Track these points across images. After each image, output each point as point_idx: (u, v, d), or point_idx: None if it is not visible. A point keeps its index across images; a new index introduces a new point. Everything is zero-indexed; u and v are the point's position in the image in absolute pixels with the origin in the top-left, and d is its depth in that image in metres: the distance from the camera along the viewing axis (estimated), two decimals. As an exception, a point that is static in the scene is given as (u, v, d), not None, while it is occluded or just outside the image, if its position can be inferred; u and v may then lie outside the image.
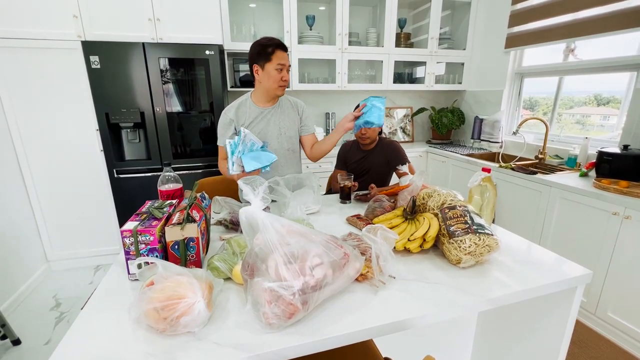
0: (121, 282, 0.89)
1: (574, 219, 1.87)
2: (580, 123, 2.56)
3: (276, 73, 1.43)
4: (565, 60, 2.45)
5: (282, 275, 0.69)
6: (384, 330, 0.73)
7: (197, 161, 2.46)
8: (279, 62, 1.41)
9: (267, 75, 1.44)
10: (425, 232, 0.98)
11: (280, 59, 1.42)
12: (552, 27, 2.39)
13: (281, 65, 1.42)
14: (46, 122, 2.19)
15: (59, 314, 1.99)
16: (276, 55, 1.41)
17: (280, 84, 1.45)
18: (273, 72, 1.42)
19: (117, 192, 2.36)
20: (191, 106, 2.40)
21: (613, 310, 1.72)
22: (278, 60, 1.41)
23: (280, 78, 1.44)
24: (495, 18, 2.88)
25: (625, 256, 1.65)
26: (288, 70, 1.47)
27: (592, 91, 2.43)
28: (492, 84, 3.01)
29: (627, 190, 1.68)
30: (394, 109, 3.46)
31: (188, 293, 0.68)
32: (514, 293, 0.84)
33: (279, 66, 1.42)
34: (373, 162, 1.81)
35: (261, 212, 0.77)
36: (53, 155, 2.25)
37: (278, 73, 1.43)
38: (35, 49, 2.06)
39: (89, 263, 2.50)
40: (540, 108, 2.82)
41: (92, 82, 2.13)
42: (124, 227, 0.84)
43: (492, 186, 1.12)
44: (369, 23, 3.17)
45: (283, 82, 1.45)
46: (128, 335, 0.69)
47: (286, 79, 1.46)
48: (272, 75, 1.43)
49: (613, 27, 2.02)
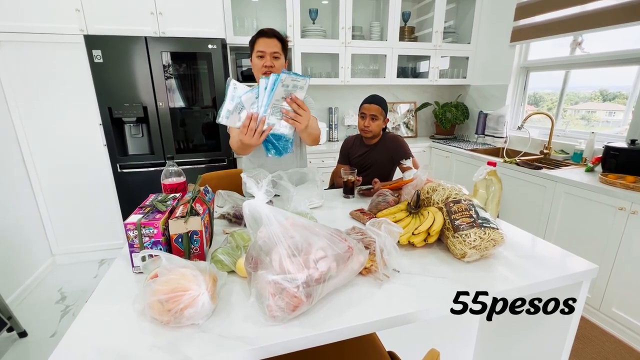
0: (125, 274, 0.89)
1: (580, 214, 1.86)
2: (585, 119, 2.53)
3: (257, 60, 1.42)
4: (572, 53, 2.42)
5: (286, 268, 0.69)
6: (388, 324, 0.72)
7: (199, 156, 2.46)
8: (259, 49, 1.40)
9: (253, 65, 1.45)
10: (429, 226, 0.98)
11: (260, 46, 1.40)
12: (559, 20, 2.35)
13: (261, 52, 1.40)
14: (49, 116, 2.19)
15: (65, 307, 2.01)
16: (258, 42, 1.41)
17: (262, 71, 1.42)
18: (255, 60, 1.43)
19: (120, 186, 2.37)
20: (194, 101, 2.39)
21: (618, 306, 1.71)
22: (258, 47, 1.40)
23: (261, 65, 1.41)
24: (501, 11, 2.84)
25: (631, 252, 1.63)
26: (275, 57, 1.42)
27: (598, 86, 2.39)
28: (497, 78, 2.97)
29: (633, 185, 1.66)
30: (397, 103, 3.43)
31: (192, 285, 0.68)
32: (519, 288, 0.83)
33: (259, 53, 1.41)
34: (376, 156, 1.80)
35: (265, 206, 0.76)
36: (57, 150, 2.26)
37: (259, 60, 1.41)
38: (38, 43, 2.06)
39: (93, 257, 2.52)
40: (544, 104, 2.78)
41: (95, 76, 2.13)
42: (128, 220, 0.85)
43: (497, 180, 1.11)
44: (372, 16, 3.14)
45: (264, 68, 1.41)
46: (133, 327, 0.69)
47: (269, 65, 1.41)
48: (255, 63, 1.43)
49: (621, 19, 1.99)
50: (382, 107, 1.71)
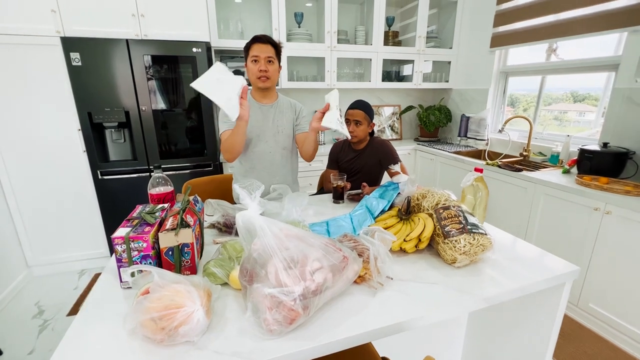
0: (113, 290, 0.86)
1: (558, 215, 1.94)
2: (558, 119, 2.65)
3: (252, 65, 1.46)
4: (547, 59, 2.52)
5: (282, 280, 0.68)
6: (384, 333, 0.73)
7: (184, 161, 2.41)
8: (253, 54, 1.44)
9: (248, 70, 1.50)
10: (420, 232, 0.99)
11: (255, 51, 1.44)
12: (535, 28, 2.45)
13: (255, 57, 1.44)
14: (25, 121, 2.09)
15: (43, 321, 1.91)
16: (252, 48, 1.45)
17: (257, 75, 1.46)
18: (250, 65, 1.47)
19: (101, 194, 2.29)
20: (177, 105, 2.34)
21: (595, 301, 1.80)
22: (253, 52, 1.44)
23: (256, 69, 1.45)
24: (481, 17, 2.93)
25: (605, 250, 1.72)
26: (269, 62, 1.46)
27: (569, 88, 2.52)
28: (478, 82, 3.06)
29: (607, 186, 1.75)
30: (382, 106, 3.48)
31: (186, 302, 0.66)
32: (508, 291, 0.86)
33: (253, 58, 1.45)
34: (365, 161, 1.81)
35: (259, 217, 0.76)
36: (32, 156, 2.15)
37: (254, 65, 1.46)
38: (10, 44, 1.96)
39: (73, 267, 2.42)
40: (520, 105, 2.90)
41: (73, 80, 2.05)
42: (116, 234, 0.82)
43: (484, 186, 1.14)
44: (357, 21, 3.17)
45: (259, 72, 1.45)
46: (124, 347, 0.67)
47: (263, 69, 1.45)
48: (250, 68, 1.48)
49: (593, 28, 2.09)
50: (366, 112, 1.73)
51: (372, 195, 1.31)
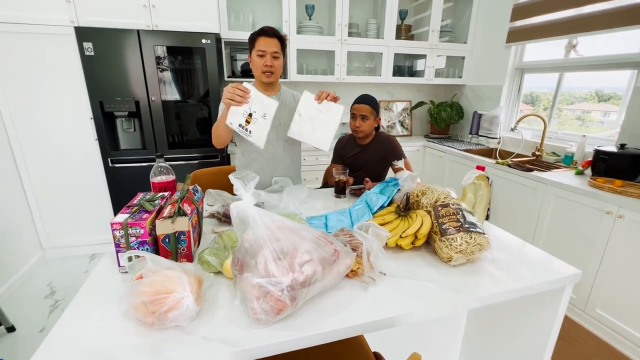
0: (112, 274, 0.88)
1: (568, 217, 1.88)
2: (581, 119, 2.55)
3: (258, 59, 1.44)
4: (566, 56, 2.43)
5: (271, 271, 0.69)
6: (373, 327, 0.73)
7: (193, 151, 2.44)
8: (260, 48, 1.42)
9: (253, 63, 1.47)
10: (417, 229, 0.98)
11: (261, 45, 1.41)
12: (554, 22, 2.36)
13: (262, 52, 1.42)
14: (39, 110, 2.15)
15: (54, 302, 1.99)
16: (258, 41, 1.42)
17: (262, 70, 1.44)
18: (255, 59, 1.44)
19: (111, 181, 2.35)
20: (187, 96, 2.37)
21: (602, 307, 1.75)
22: (259, 46, 1.42)
23: (262, 64, 1.43)
24: (498, 11, 2.83)
25: (616, 255, 1.66)
26: (275, 57, 1.44)
27: (593, 87, 2.41)
28: (492, 78, 2.98)
29: (621, 189, 1.68)
30: (393, 102, 3.43)
31: (176, 288, 0.68)
32: (504, 292, 0.85)
33: (259, 52, 1.42)
34: (369, 156, 1.80)
35: (252, 208, 0.76)
36: (47, 143, 2.22)
37: (260, 59, 1.43)
38: (26, 34, 2.01)
39: (84, 252, 2.51)
40: (541, 103, 2.80)
41: (86, 69, 2.10)
42: (114, 220, 0.84)
43: (485, 184, 1.11)
44: (369, 14, 3.12)
45: (264, 67, 1.44)
46: (117, 328, 0.69)
47: (269, 65, 1.43)
48: (255, 61, 1.45)
49: (616, 23, 2.00)
50: (372, 107, 1.71)
51: (373, 191, 1.30)
